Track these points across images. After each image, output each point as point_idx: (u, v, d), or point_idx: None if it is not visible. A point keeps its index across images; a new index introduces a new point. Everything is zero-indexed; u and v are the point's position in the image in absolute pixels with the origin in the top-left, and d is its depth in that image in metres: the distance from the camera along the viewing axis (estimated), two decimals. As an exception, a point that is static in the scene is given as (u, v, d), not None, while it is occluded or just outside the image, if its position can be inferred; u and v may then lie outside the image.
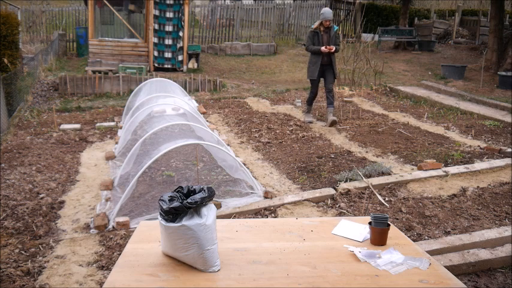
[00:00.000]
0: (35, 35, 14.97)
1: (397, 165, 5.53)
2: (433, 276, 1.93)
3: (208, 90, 10.49)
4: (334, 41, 7.25)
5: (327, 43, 7.21)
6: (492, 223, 4.14)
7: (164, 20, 12.09)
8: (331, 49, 7.09)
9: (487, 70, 12.18)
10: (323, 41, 7.20)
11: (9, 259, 3.46)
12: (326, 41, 7.21)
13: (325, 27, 7.18)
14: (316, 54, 7.23)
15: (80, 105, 9.09)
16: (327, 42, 7.21)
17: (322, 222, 2.51)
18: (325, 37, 7.24)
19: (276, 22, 17.76)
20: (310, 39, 7.26)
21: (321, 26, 7.20)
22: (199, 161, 5.56)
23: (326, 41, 7.21)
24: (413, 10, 20.28)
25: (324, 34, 7.21)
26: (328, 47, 7.07)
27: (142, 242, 2.20)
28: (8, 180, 5.02)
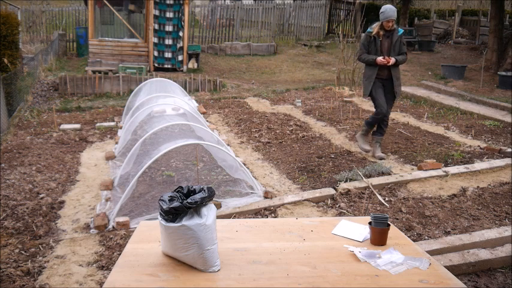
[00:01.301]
0: (35, 35, 14.97)
1: (397, 165, 5.53)
2: (433, 276, 1.93)
3: (208, 90, 10.49)
4: (398, 48, 5.60)
5: (387, 52, 5.58)
6: (492, 223, 4.14)
7: (164, 20, 12.10)
8: (388, 61, 5.45)
9: (487, 70, 12.18)
10: (382, 49, 5.59)
11: (9, 259, 3.46)
12: (387, 49, 5.58)
13: (386, 30, 5.55)
14: (371, 66, 5.62)
15: (80, 105, 9.09)
16: (387, 51, 5.58)
17: (322, 222, 2.51)
18: (385, 43, 5.58)
19: (276, 22, 17.77)
20: (364, 47, 5.66)
21: (381, 30, 5.56)
22: (199, 161, 5.56)
23: (387, 49, 5.58)
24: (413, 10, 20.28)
25: (385, 39, 5.58)
26: (386, 58, 5.45)
27: (142, 242, 2.20)
28: (8, 180, 5.02)
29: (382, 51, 5.60)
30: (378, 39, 5.59)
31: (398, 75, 5.72)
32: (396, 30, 5.60)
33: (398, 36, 5.60)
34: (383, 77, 5.67)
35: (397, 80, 5.68)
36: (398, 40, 5.61)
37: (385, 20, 5.50)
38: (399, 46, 5.62)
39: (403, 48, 5.67)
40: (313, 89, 10.77)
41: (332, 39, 18.07)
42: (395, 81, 5.65)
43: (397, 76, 5.70)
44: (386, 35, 5.59)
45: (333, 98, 9.45)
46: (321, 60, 14.98)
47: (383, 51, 5.60)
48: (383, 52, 5.60)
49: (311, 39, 17.88)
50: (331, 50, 16.45)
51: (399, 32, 5.61)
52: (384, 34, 5.59)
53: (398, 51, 5.63)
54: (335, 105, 8.78)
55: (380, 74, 5.66)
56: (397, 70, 5.71)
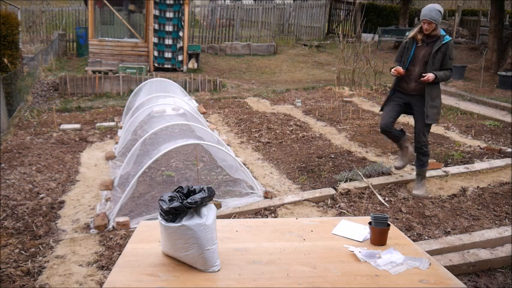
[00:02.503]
0: (35, 35, 14.97)
1: (397, 165, 5.53)
2: (433, 276, 1.93)
3: (208, 90, 10.49)
4: (439, 61, 4.42)
5: (421, 62, 4.45)
6: (492, 223, 4.14)
7: (164, 20, 12.10)
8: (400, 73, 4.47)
9: (487, 70, 12.18)
10: (415, 58, 4.48)
11: (9, 259, 3.46)
12: (421, 59, 4.46)
13: (425, 34, 4.41)
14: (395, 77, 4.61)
15: (80, 105, 9.09)
16: (422, 61, 4.45)
17: (322, 222, 2.51)
18: (421, 51, 4.46)
19: (276, 22, 17.77)
20: (399, 53, 4.67)
21: (419, 33, 4.46)
22: (199, 161, 5.56)
23: (421, 59, 4.46)
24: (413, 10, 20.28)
25: (422, 47, 4.46)
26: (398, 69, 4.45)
27: (142, 242, 2.20)
28: (8, 180, 5.02)
29: (414, 60, 4.49)
30: (413, 45, 4.48)
31: (434, 94, 4.46)
32: (441, 37, 4.39)
33: (443, 45, 4.36)
34: (409, 92, 4.59)
35: (431, 100, 4.44)
36: (442, 51, 4.37)
37: (422, 20, 4.39)
38: (442, 58, 4.40)
39: (448, 63, 4.42)
40: (313, 89, 10.77)
41: (332, 39, 18.08)
42: (429, 101, 4.44)
43: (433, 95, 4.45)
44: (426, 41, 4.43)
45: (333, 98, 9.45)
46: (321, 60, 14.98)
47: (415, 61, 4.48)
48: (415, 62, 4.49)
49: (311, 39, 17.88)
50: (331, 50, 16.45)
51: (445, 39, 4.37)
52: (423, 39, 4.43)
53: (439, 65, 4.42)
54: (335, 105, 8.78)
55: (405, 88, 4.60)
56: (434, 88, 4.47)
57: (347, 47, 11.35)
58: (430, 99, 4.47)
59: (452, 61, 4.51)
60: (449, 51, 4.41)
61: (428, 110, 4.48)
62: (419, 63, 4.47)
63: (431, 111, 4.49)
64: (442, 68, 4.44)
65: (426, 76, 4.32)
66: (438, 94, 4.53)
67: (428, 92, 4.46)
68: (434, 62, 4.41)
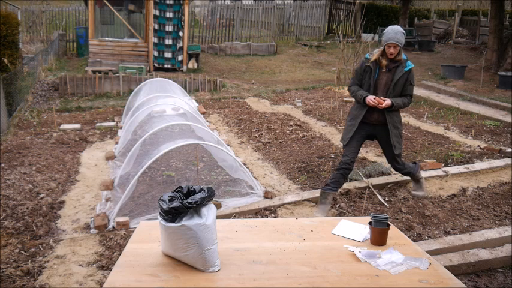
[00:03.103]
0: (35, 35, 14.97)
1: (397, 165, 5.52)
2: (433, 276, 1.93)
3: (208, 90, 10.49)
4: (400, 88, 4.19)
5: (384, 89, 4.19)
6: (492, 223, 4.14)
7: (164, 20, 12.10)
8: (380, 103, 4.09)
9: (487, 70, 12.18)
10: (378, 84, 4.21)
11: (9, 259, 3.46)
12: (384, 86, 4.19)
13: (388, 58, 4.12)
14: (359, 104, 4.31)
15: (80, 105, 9.09)
16: (384, 88, 4.19)
17: (322, 222, 2.51)
18: (384, 78, 4.18)
19: (276, 22, 17.77)
20: (357, 75, 4.33)
21: (383, 58, 4.14)
22: (199, 161, 5.56)
23: (384, 86, 4.19)
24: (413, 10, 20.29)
25: (384, 72, 4.17)
26: (377, 99, 4.10)
27: (142, 242, 2.20)
28: (8, 180, 5.02)
29: (377, 87, 4.21)
30: (376, 70, 4.18)
31: (396, 122, 4.27)
32: (403, 62, 4.13)
33: (405, 73, 4.14)
34: (372, 122, 4.29)
35: (394, 128, 4.24)
36: (404, 77, 4.15)
37: (386, 44, 4.06)
38: (403, 85, 4.18)
39: (408, 89, 4.21)
40: (313, 89, 10.77)
41: (332, 39, 18.08)
42: (392, 129, 4.23)
43: (395, 124, 4.26)
44: (388, 66, 4.15)
45: (333, 98, 9.45)
46: (321, 60, 14.98)
47: (378, 88, 4.21)
48: (377, 89, 4.21)
49: (311, 39, 17.88)
50: (331, 50, 16.45)
51: (408, 65, 4.14)
52: (387, 64, 4.15)
53: (400, 92, 4.20)
54: (335, 105, 8.78)
55: (368, 118, 4.27)
56: (395, 115, 4.26)
57: (347, 47, 11.35)
58: (393, 128, 4.26)
59: (413, 87, 4.29)
60: (411, 78, 4.20)
61: (394, 140, 4.28)
62: (382, 90, 4.21)
63: (396, 140, 4.29)
64: (402, 94, 4.23)
65: (384, 102, 4.07)
66: (400, 121, 4.36)
67: (390, 121, 4.23)
68: (396, 89, 4.18)
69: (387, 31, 4.07)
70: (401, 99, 4.21)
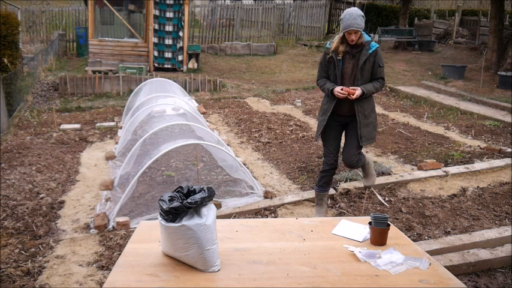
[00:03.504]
0: (35, 35, 14.97)
1: (397, 165, 5.53)
2: (433, 276, 1.93)
3: (208, 90, 10.49)
4: (369, 72, 3.87)
5: (351, 77, 3.87)
6: (492, 223, 4.14)
7: (164, 20, 12.10)
8: (351, 93, 3.76)
9: (487, 70, 12.18)
10: (344, 73, 3.88)
11: (9, 259, 3.46)
12: (350, 74, 3.87)
13: (349, 44, 3.80)
14: (328, 98, 4.00)
15: (80, 105, 9.09)
16: (351, 76, 3.87)
17: (322, 222, 2.51)
18: (349, 65, 3.86)
19: (276, 22, 17.77)
20: (322, 68, 4.03)
21: (342, 45, 3.81)
22: (199, 161, 5.56)
23: (350, 74, 3.87)
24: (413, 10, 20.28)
25: (348, 60, 3.85)
26: (346, 89, 3.78)
27: (142, 242, 2.20)
28: (8, 180, 5.02)
29: (343, 76, 3.88)
30: (338, 59, 3.83)
31: (366, 111, 3.92)
32: (366, 45, 3.79)
33: (370, 55, 3.78)
34: (344, 114, 3.96)
35: (364, 117, 3.91)
36: (370, 60, 3.81)
37: (345, 30, 3.70)
38: (371, 69, 3.85)
39: (378, 71, 3.86)
40: (313, 89, 10.77)
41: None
42: (362, 119, 3.89)
43: (365, 113, 3.91)
44: (350, 52, 3.81)
45: (333, 98, 9.44)
46: (321, 60, 14.96)
47: (344, 77, 3.88)
48: (344, 78, 3.88)
49: (311, 39, 17.88)
50: (331, 50, 16.42)
51: (372, 47, 3.79)
52: (347, 51, 3.81)
53: (369, 77, 3.88)
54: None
55: (338, 110, 3.94)
56: (365, 104, 3.91)
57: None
58: (363, 117, 3.91)
59: (383, 68, 3.91)
60: (378, 59, 3.85)
61: (362, 130, 3.92)
62: (349, 79, 3.88)
63: (365, 131, 3.93)
64: (373, 78, 3.90)
65: (356, 91, 3.75)
66: (372, 109, 3.98)
67: (360, 110, 3.88)
68: (363, 74, 3.84)
69: (345, 16, 3.70)
70: (372, 85, 3.87)
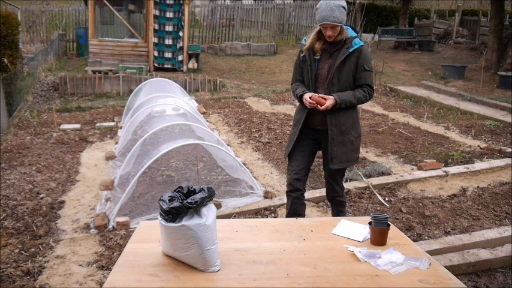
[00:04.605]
0: (35, 35, 14.97)
1: (397, 165, 5.53)
2: (433, 276, 1.92)
3: (208, 90, 10.49)
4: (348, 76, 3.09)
5: (326, 81, 3.12)
6: (492, 223, 4.14)
7: (164, 20, 12.10)
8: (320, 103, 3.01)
9: (487, 70, 12.18)
10: (317, 76, 3.15)
11: (9, 259, 3.46)
12: (325, 77, 3.12)
13: (327, 41, 3.09)
14: (302, 106, 3.23)
15: (80, 105, 9.09)
16: (326, 80, 3.12)
17: (322, 222, 2.51)
18: (324, 66, 3.13)
19: (276, 22, 17.77)
20: (297, 69, 3.33)
21: (318, 41, 3.11)
22: (199, 161, 5.56)
23: (325, 77, 3.12)
24: (413, 10, 20.28)
25: (325, 59, 3.13)
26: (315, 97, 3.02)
27: (142, 242, 2.20)
28: (8, 180, 5.02)
29: (317, 80, 3.15)
30: (313, 58, 3.14)
31: (344, 126, 3.13)
32: (348, 42, 3.06)
33: (350, 54, 3.05)
34: (316, 127, 3.22)
35: (340, 134, 3.12)
36: (351, 61, 3.06)
37: (320, 24, 3.02)
38: (353, 72, 3.08)
39: (363, 76, 3.09)
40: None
41: (332, 39, 18.05)
42: (336, 135, 3.12)
43: (341, 128, 3.13)
44: (328, 50, 3.11)
45: (333, 98, 9.44)
46: (321, 60, 14.97)
47: (319, 81, 3.14)
48: (318, 82, 3.14)
49: (311, 39, 17.86)
50: (331, 50, 16.43)
51: (354, 44, 3.05)
52: (325, 49, 3.11)
53: (351, 82, 3.11)
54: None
55: (312, 122, 3.22)
56: (342, 116, 3.12)
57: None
58: (339, 133, 3.12)
59: (370, 74, 3.12)
60: (363, 60, 3.06)
61: (335, 149, 3.13)
62: (323, 83, 3.12)
63: (339, 150, 3.14)
64: (357, 84, 3.12)
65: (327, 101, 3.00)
66: (353, 124, 3.17)
67: (333, 123, 3.10)
68: (341, 78, 3.07)
69: (320, 7, 2.98)
70: (352, 94, 3.07)
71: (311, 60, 3.16)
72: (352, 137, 3.20)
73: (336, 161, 3.17)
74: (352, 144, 3.21)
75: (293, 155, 3.32)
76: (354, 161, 3.29)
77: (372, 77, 3.20)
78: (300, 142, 3.29)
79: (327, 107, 3.01)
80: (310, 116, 3.19)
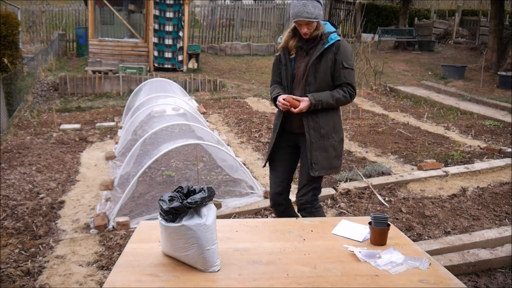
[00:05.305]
0: (35, 35, 14.98)
1: (397, 165, 5.53)
2: (433, 276, 1.92)
3: (208, 90, 10.49)
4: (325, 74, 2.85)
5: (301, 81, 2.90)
6: (492, 223, 4.14)
7: (164, 20, 12.10)
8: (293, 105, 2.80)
9: (487, 70, 12.18)
10: (294, 76, 2.94)
11: (9, 259, 3.46)
12: (301, 77, 2.90)
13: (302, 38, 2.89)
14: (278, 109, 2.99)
15: (80, 105, 9.09)
16: (301, 80, 2.90)
17: (322, 222, 2.51)
18: (300, 65, 2.91)
19: (276, 22, 17.77)
20: (274, 70, 3.09)
21: (293, 39, 2.92)
22: (199, 161, 5.56)
23: (301, 77, 2.90)
24: (413, 10, 20.28)
25: (301, 57, 2.92)
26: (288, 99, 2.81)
27: (142, 242, 2.20)
28: (8, 180, 5.02)
29: (293, 80, 2.94)
30: (288, 58, 2.94)
31: (324, 128, 2.89)
32: (324, 38, 2.83)
33: (326, 50, 2.82)
34: (294, 131, 3.00)
35: (319, 137, 2.88)
36: (328, 57, 2.82)
37: (294, 21, 2.83)
38: (331, 70, 2.85)
39: (342, 74, 2.85)
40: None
41: (332, 39, 18.04)
42: (315, 139, 2.87)
43: (321, 131, 2.88)
44: (304, 48, 2.91)
45: (333, 98, 9.44)
46: (321, 60, 14.97)
47: (295, 81, 2.94)
48: (295, 83, 2.94)
49: (311, 39, 17.86)
50: (331, 50, 16.42)
51: (330, 40, 2.82)
52: (300, 46, 2.91)
53: (329, 81, 2.87)
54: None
55: (289, 126, 3.01)
56: (322, 118, 2.88)
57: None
58: (318, 137, 2.87)
59: (351, 71, 2.87)
60: (342, 56, 2.83)
61: (315, 154, 2.87)
62: (299, 83, 2.91)
63: (319, 156, 2.87)
64: (336, 84, 2.88)
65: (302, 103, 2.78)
66: (334, 126, 2.93)
67: (311, 125, 2.87)
68: (318, 77, 2.83)
69: (292, 2, 2.79)
70: (329, 94, 2.84)
71: (286, 59, 2.94)
72: (334, 141, 2.93)
73: (317, 168, 2.88)
74: (334, 150, 2.94)
75: (273, 165, 3.12)
76: (337, 168, 3.01)
77: (353, 75, 2.92)
78: (280, 150, 3.08)
79: (300, 109, 2.78)
80: (288, 119, 2.98)
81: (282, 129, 3.02)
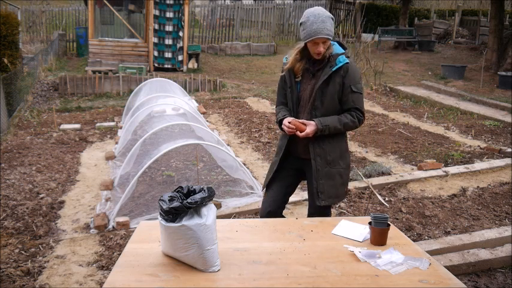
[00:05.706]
0: (35, 35, 14.98)
1: (397, 165, 5.53)
2: (433, 276, 1.92)
3: (208, 90, 10.49)
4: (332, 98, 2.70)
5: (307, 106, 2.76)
6: (492, 223, 4.14)
7: (164, 20, 12.10)
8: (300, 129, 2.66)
9: (487, 70, 12.18)
10: (300, 99, 2.80)
11: (9, 259, 3.46)
12: (307, 100, 2.76)
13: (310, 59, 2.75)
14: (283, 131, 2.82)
15: (80, 105, 9.09)
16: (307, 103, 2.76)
17: (322, 222, 2.51)
18: (306, 88, 2.76)
19: (276, 22, 17.77)
20: (279, 91, 2.95)
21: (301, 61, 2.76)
22: (199, 161, 5.56)
23: (307, 100, 2.76)
24: (413, 10, 20.29)
25: (307, 79, 2.76)
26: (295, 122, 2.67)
27: (142, 242, 2.20)
28: (8, 180, 5.02)
29: (299, 103, 2.81)
30: (294, 80, 2.78)
31: (330, 155, 2.76)
32: (332, 60, 2.69)
33: (333, 73, 2.67)
34: (298, 155, 2.89)
35: (326, 164, 2.75)
36: (336, 81, 2.68)
37: (311, 39, 2.62)
38: (338, 94, 2.71)
39: (351, 99, 2.71)
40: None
41: (332, 39, 18.05)
42: (321, 166, 2.74)
43: (327, 157, 2.76)
44: (311, 70, 2.75)
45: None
46: (321, 60, 14.97)
47: (301, 104, 2.80)
48: (301, 105, 2.80)
49: (311, 39, 17.86)
50: (331, 50, 16.42)
51: (338, 63, 2.67)
52: (307, 69, 2.75)
53: (337, 105, 2.74)
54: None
55: (294, 150, 2.90)
56: (328, 144, 2.76)
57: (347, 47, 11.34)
58: (324, 164, 2.75)
59: (360, 96, 2.73)
60: (350, 80, 2.68)
61: (321, 183, 2.75)
62: (305, 106, 2.78)
63: (326, 184, 2.75)
64: (344, 108, 2.74)
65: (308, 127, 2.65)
66: (341, 153, 2.81)
67: (318, 152, 2.74)
68: (325, 101, 2.69)
69: (308, 19, 2.63)
70: (337, 118, 2.70)
71: (292, 82, 2.79)
72: (341, 168, 2.80)
73: (324, 197, 2.75)
74: (341, 177, 2.81)
75: (271, 186, 2.94)
76: (343, 196, 2.88)
77: (362, 100, 2.76)
78: (281, 173, 2.92)
79: (307, 133, 2.64)
80: (293, 143, 2.85)
81: (288, 151, 2.91)
